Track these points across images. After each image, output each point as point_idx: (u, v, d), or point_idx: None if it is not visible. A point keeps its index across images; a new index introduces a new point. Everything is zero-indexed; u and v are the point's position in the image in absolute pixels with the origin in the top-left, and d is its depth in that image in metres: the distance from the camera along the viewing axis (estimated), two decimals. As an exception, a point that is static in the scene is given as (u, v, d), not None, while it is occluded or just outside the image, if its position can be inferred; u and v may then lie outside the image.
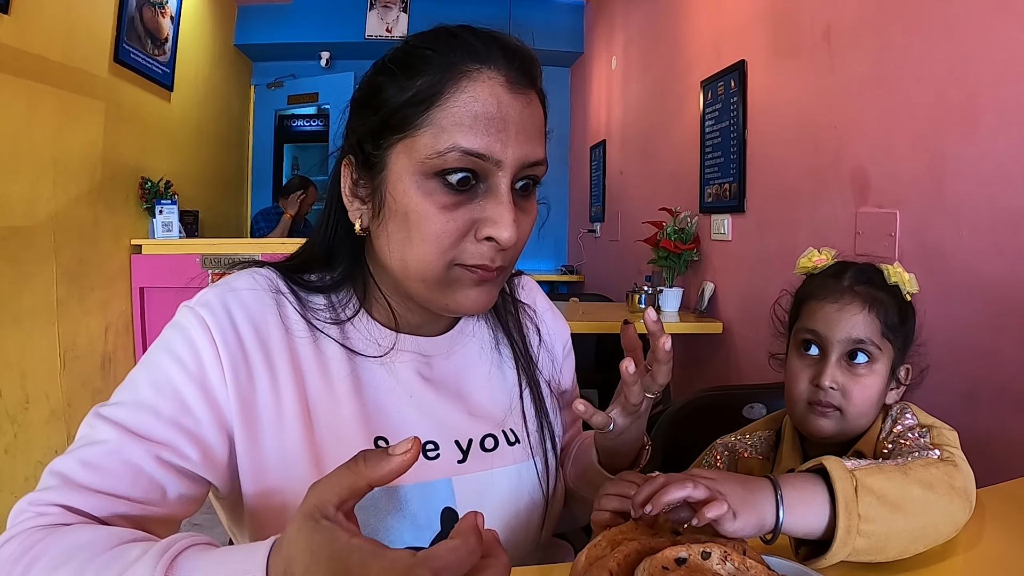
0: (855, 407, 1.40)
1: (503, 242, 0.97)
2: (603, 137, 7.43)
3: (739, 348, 4.08)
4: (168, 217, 5.05)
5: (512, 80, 0.97)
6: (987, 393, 2.14)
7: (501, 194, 0.97)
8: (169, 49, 5.50)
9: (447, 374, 1.17)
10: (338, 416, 1.05)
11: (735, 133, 4.07)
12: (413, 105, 0.96)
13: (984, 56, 2.25)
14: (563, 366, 1.37)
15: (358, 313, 1.12)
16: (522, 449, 1.19)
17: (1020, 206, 2.11)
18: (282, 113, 8.64)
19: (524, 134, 0.97)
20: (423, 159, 0.96)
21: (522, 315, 1.30)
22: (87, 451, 0.89)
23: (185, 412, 0.96)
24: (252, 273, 1.10)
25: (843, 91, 3.06)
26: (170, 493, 0.93)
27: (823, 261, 1.53)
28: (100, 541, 0.78)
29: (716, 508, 0.88)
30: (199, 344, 0.99)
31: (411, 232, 0.98)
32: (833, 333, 1.41)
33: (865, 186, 2.89)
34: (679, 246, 4.45)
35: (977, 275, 2.24)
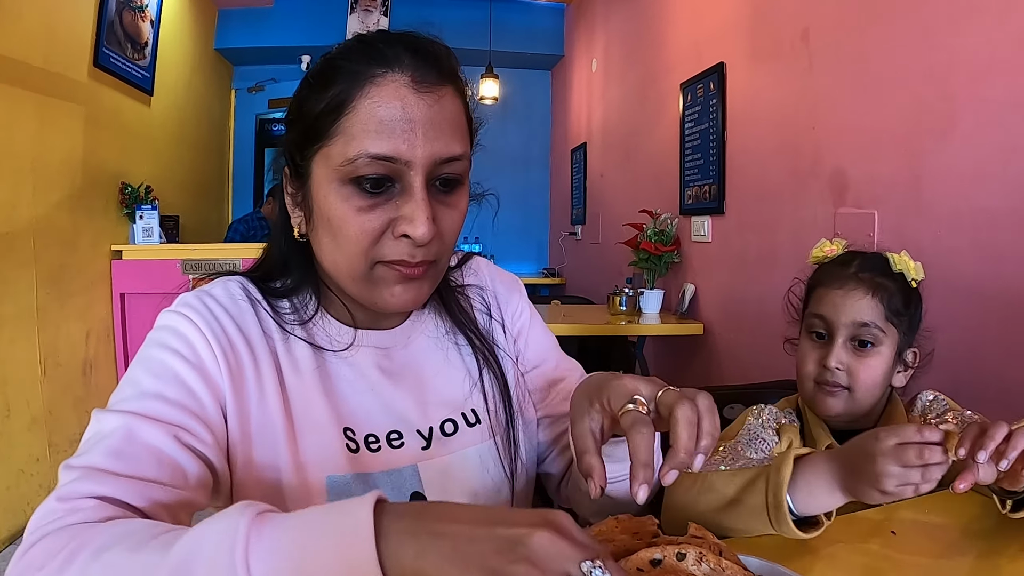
0: (861, 387, 1.50)
1: (417, 239, 0.99)
2: (584, 140, 7.46)
3: (720, 349, 4.10)
4: (148, 222, 5.03)
5: (418, 79, 0.99)
6: (968, 390, 2.16)
7: (415, 193, 0.99)
8: (149, 53, 5.47)
9: (406, 364, 1.20)
10: (310, 409, 1.09)
11: (714, 135, 4.10)
12: (326, 115, 0.99)
13: (961, 58, 2.28)
14: (528, 335, 1.37)
15: (317, 312, 1.16)
16: (482, 429, 1.23)
17: (996, 205, 2.14)
18: (263, 117, 8.58)
19: (434, 132, 0.99)
20: (337, 166, 0.99)
21: (473, 297, 1.33)
22: (104, 443, 0.88)
23: (191, 396, 0.98)
24: (225, 282, 1.14)
25: (822, 93, 3.09)
26: (190, 476, 0.94)
27: (834, 251, 1.63)
28: (153, 527, 0.75)
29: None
30: (190, 335, 1.02)
31: (335, 236, 1.02)
32: (839, 317, 1.51)
33: (844, 187, 2.92)
34: (659, 248, 4.48)
35: (955, 274, 2.26)
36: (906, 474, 1.00)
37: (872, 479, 1.02)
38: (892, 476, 1.01)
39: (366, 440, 1.12)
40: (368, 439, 1.12)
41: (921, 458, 1.00)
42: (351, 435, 1.11)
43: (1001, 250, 2.14)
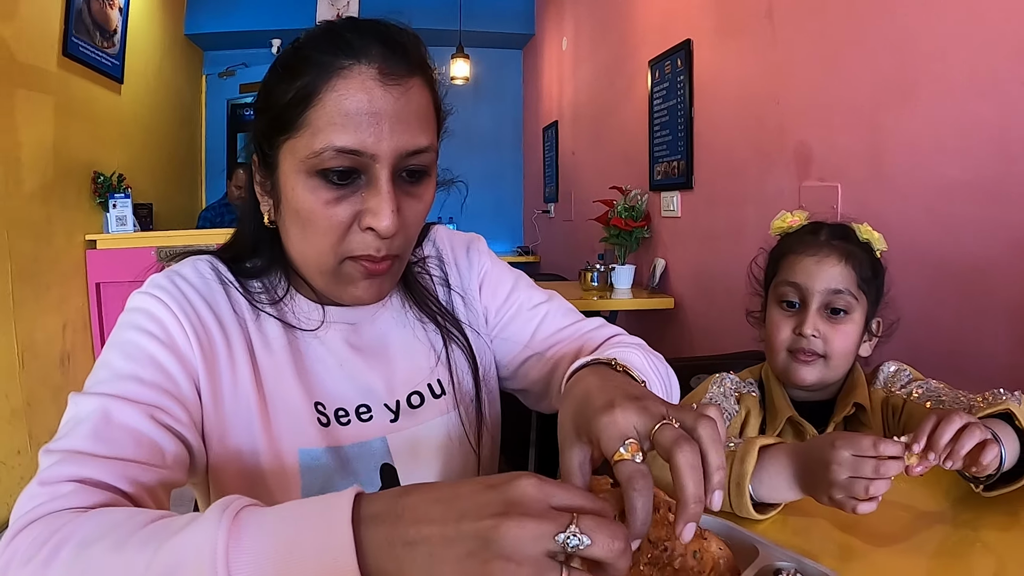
0: (836, 354, 1.52)
1: (382, 231, 1.00)
2: (555, 118, 7.48)
3: (690, 322, 4.16)
4: (122, 211, 5.00)
5: (386, 71, 0.99)
6: (927, 358, 2.22)
7: (380, 186, 1.00)
8: (118, 41, 5.41)
9: (373, 339, 1.22)
10: (282, 385, 1.12)
11: (682, 111, 4.14)
12: (293, 107, 1.00)
13: (920, 32, 2.33)
14: (497, 286, 1.38)
15: (288, 292, 1.18)
16: (448, 401, 1.26)
17: (954, 176, 2.20)
18: (235, 102, 8.47)
19: (401, 125, 1.00)
20: (304, 158, 0.99)
21: (432, 270, 1.34)
22: (82, 426, 0.90)
23: (166, 376, 1.00)
24: (194, 262, 1.16)
25: (786, 68, 3.14)
26: (168, 455, 0.96)
27: (797, 222, 1.65)
28: (136, 518, 0.74)
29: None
30: (161, 316, 1.04)
31: (304, 227, 1.04)
32: (813, 284, 1.53)
33: (808, 160, 2.97)
34: (630, 224, 4.52)
35: (915, 244, 2.32)
36: (851, 486, 1.02)
37: (825, 486, 1.04)
38: (839, 487, 1.03)
39: (336, 414, 1.15)
40: (338, 413, 1.15)
41: (877, 472, 1.01)
42: (322, 409, 1.14)
43: (957, 221, 2.20)
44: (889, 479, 1.01)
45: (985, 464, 1.05)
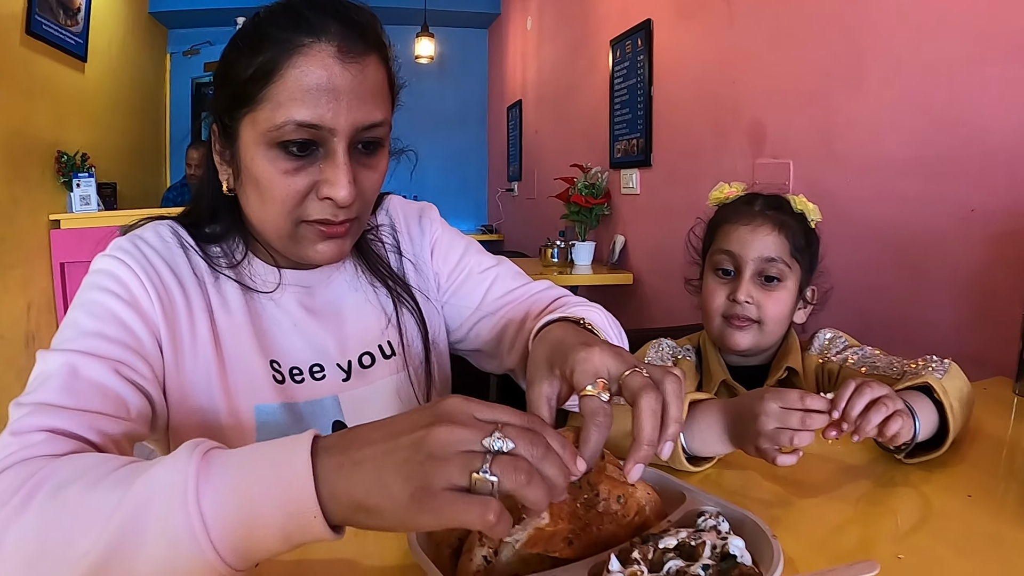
0: (769, 320, 1.58)
1: (340, 201, 1.06)
2: (519, 97, 7.52)
3: (648, 297, 4.25)
4: (86, 190, 4.97)
5: (344, 49, 1.03)
6: (877, 328, 2.33)
7: (337, 158, 1.05)
8: (82, 19, 5.37)
9: (327, 303, 1.28)
10: (239, 344, 1.18)
11: (641, 90, 4.21)
12: (255, 81, 1.03)
13: (870, 15, 2.41)
14: (448, 251, 1.44)
15: (246, 256, 1.23)
16: (398, 361, 1.32)
17: (902, 153, 2.29)
18: (199, 81, 8.44)
19: (358, 100, 1.05)
20: (264, 131, 1.04)
21: (385, 238, 1.40)
22: (51, 380, 0.93)
23: (129, 334, 1.05)
24: (156, 226, 1.21)
25: (742, 48, 3.22)
26: (132, 409, 0.99)
27: (734, 193, 1.69)
28: (108, 462, 0.78)
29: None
30: (124, 276, 1.09)
31: (262, 195, 1.08)
32: (747, 252, 1.58)
33: (762, 138, 3.06)
34: (590, 201, 4.59)
35: (864, 219, 2.41)
36: (777, 436, 1.07)
37: (752, 435, 1.09)
38: (766, 437, 1.07)
39: (291, 372, 1.21)
40: (292, 371, 1.22)
41: (802, 424, 1.06)
42: (277, 367, 1.20)
43: (903, 196, 2.28)
44: (812, 432, 1.07)
45: (889, 436, 1.10)
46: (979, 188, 2.01)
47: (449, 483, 0.64)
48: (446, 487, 0.64)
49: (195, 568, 0.67)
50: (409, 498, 0.64)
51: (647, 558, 0.81)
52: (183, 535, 0.66)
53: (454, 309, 1.42)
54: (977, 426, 1.37)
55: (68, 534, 0.70)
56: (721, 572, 0.79)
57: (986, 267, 1.99)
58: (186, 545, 0.66)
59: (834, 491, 1.13)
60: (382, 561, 0.90)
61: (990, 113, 1.98)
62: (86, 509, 0.71)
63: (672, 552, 0.81)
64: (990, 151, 1.97)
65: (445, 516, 0.64)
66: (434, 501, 0.64)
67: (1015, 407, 1.57)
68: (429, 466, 0.65)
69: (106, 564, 0.68)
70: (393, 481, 0.65)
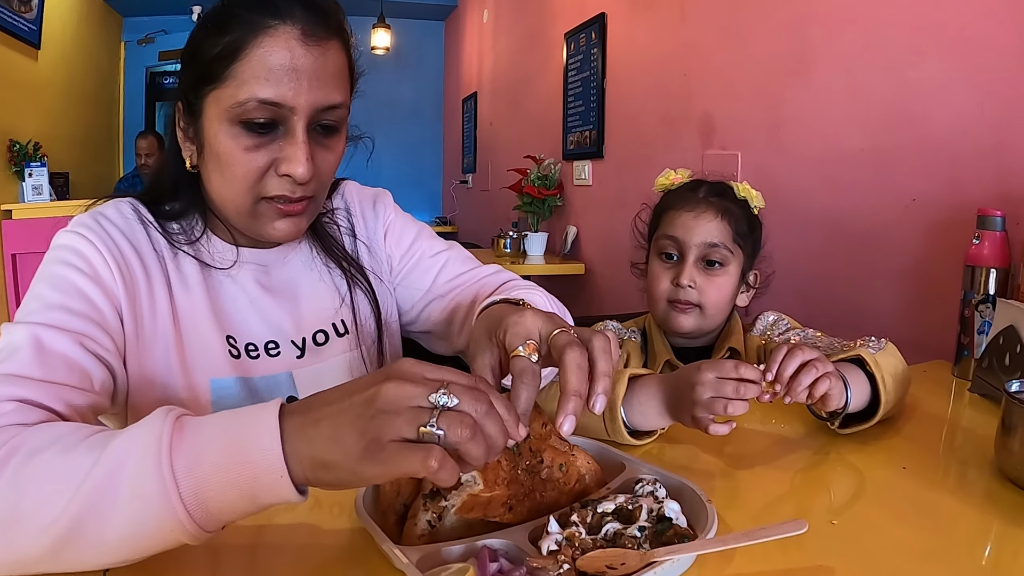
0: (711, 304, 1.61)
1: (298, 177, 1.08)
2: (475, 89, 7.52)
3: (600, 286, 4.28)
4: (38, 180, 4.91)
5: (308, 32, 1.06)
6: (820, 314, 2.37)
7: (297, 136, 1.08)
8: (36, 5, 5.28)
9: (282, 282, 1.30)
10: (196, 318, 1.20)
11: (595, 83, 4.23)
12: (220, 60, 1.06)
13: (817, 10, 2.46)
14: (401, 234, 1.46)
15: (204, 233, 1.25)
16: (351, 339, 1.35)
17: (846, 145, 2.33)
18: (153, 70, 8.35)
19: (318, 82, 1.08)
20: (228, 108, 1.06)
21: (340, 221, 1.42)
22: (19, 353, 0.95)
23: (92, 307, 1.07)
24: (116, 203, 1.23)
25: (693, 42, 3.25)
26: (96, 381, 1.02)
27: (679, 179, 1.72)
28: (81, 429, 0.79)
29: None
30: (85, 251, 1.10)
31: (223, 171, 1.11)
32: (690, 237, 1.60)
33: (711, 130, 3.09)
34: (543, 192, 4.61)
35: (809, 209, 2.45)
36: (712, 405, 1.09)
37: (688, 405, 1.11)
38: (702, 406, 1.10)
39: (246, 348, 1.23)
40: (248, 347, 1.23)
41: (737, 393, 1.09)
42: (233, 343, 1.22)
43: (848, 186, 2.33)
44: (747, 401, 1.09)
45: (818, 396, 1.13)
46: (920, 179, 2.05)
47: (398, 435, 0.67)
48: (394, 439, 0.67)
49: (165, 527, 0.69)
50: (362, 451, 0.67)
51: (585, 521, 0.82)
52: (155, 493, 0.68)
53: (406, 291, 1.44)
54: (915, 404, 1.40)
55: (43, 497, 0.71)
56: (657, 533, 0.80)
57: (926, 255, 2.03)
58: (157, 503, 0.68)
59: (771, 463, 1.15)
60: (333, 526, 0.91)
61: (931, 107, 2.02)
62: (61, 472, 0.72)
63: (610, 516, 0.83)
64: (931, 143, 2.02)
65: (392, 465, 0.67)
66: (383, 453, 0.66)
67: (953, 388, 1.61)
68: (379, 420, 0.67)
69: (81, 523, 0.69)
70: (348, 436, 0.68)
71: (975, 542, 0.92)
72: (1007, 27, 1.78)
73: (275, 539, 0.89)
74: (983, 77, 1.86)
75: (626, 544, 0.78)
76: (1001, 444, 1.07)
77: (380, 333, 1.39)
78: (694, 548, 0.77)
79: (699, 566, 0.79)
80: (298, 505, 0.72)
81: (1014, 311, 1.47)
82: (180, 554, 0.77)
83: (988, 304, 1.61)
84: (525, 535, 0.82)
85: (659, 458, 1.17)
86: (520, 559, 0.77)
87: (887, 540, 0.89)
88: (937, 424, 1.39)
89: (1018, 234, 1.66)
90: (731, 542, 0.77)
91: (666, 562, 0.73)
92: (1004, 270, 1.63)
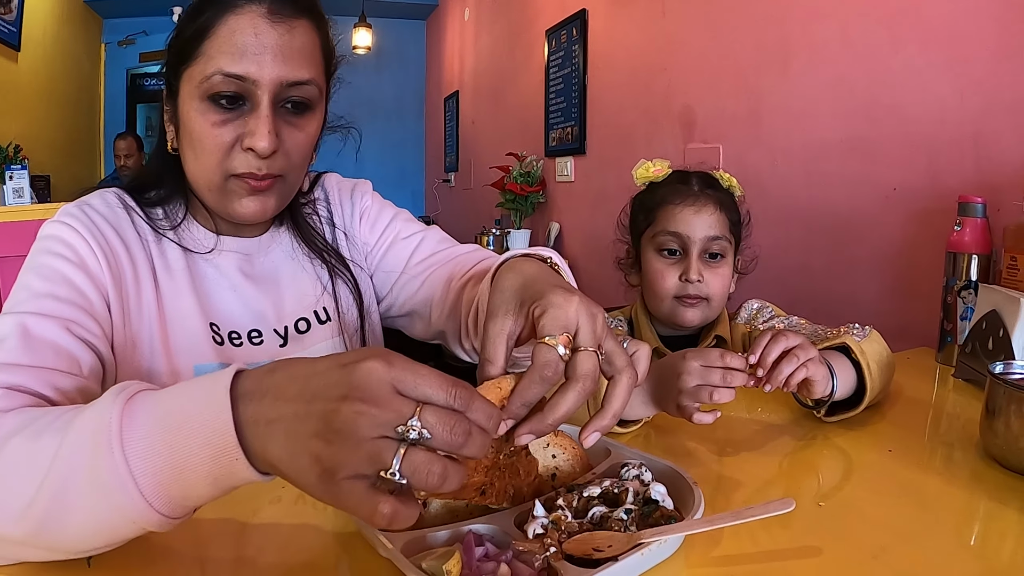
0: (716, 295, 1.62)
1: (260, 151, 1.10)
2: (456, 88, 7.51)
3: (583, 282, 4.19)
4: (19, 183, 4.84)
5: (274, 11, 1.10)
6: (804, 303, 2.37)
7: (260, 110, 1.10)
8: (15, 7, 5.25)
9: (265, 270, 1.32)
10: (180, 304, 1.21)
11: (576, 79, 4.24)
12: (193, 39, 1.11)
13: (797, 3, 2.47)
14: (377, 219, 1.46)
15: (185, 219, 1.26)
16: (333, 327, 1.36)
17: (825, 137, 2.34)
18: (134, 72, 8.30)
19: (283, 56, 1.10)
20: (197, 84, 1.10)
21: (320, 211, 1.43)
22: (6, 342, 0.95)
23: (79, 294, 1.08)
24: (102, 193, 1.23)
25: (674, 36, 3.26)
26: (84, 366, 1.02)
27: (661, 171, 1.71)
28: (55, 412, 0.79)
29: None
30: (72, 240, 1.11)
31: (195, 148, 1.14)
32: (694, 232, 1.60)
33: (692, 123, 3.10)
34: (525, 189, 4.61)
35: (790, 200, 2.46)
36: (698, 393, 1.09)
37: (673, 393, 1.11)
38: (687, 394, 1.10)
39: (230, 336, 1.24)
40: (231, 335, 1.24)
41: (723, 381, 1.09)
42: (216, 329, 1.23)
43: (829, 177, 2.34)
44: (732, 389, 1.09)
45: (793, 384, 1.13)
46: (900, 168, 2.06)
47: (354, 472, 0.61)
48: (349, 476, 0.61)
49: (129, 516, 0.67)
50: (315, 478, 0.62)
51: (571, 505, 0.82)
52: (112, 484, 0.65)
53: (383, 275, 1.44)
54: (899, 391, 1.41)
55: (15, 484, 0.71)
56: (643, 516, 0.80)
57: (908, 244, 2.04)
58: (117, 494, 0.66)
59: (758, 449, 1.15)
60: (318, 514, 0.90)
61: (909, 97, 2.03)
62: (30, 459, 0.71)
63: (596, 499, 0.83)
64: (910, 133, 2.03)
65: (342, 505, 0.62)
66: (335, 487, 0.61)
67: (937, 374, 1.63)
68: (336, 448, 0.61)
69: (49, 512, 0.68)
70: (301, 456, 0.62)
71: (962, 520, 0.93)
72: (985, 16, 1.79)
73: (261, 529, 0.89)
74: (962, 66, 1.87)
75: (613, 527, 0.77)
76: (986, 425, 1.07)
77: (362, 322, 1.39)
78: (681, 529, 0.76)
79: (686, 548, 0.79)
80: (282, 495, 0.69)
81: (996, 296, 1.48)
82: (166, 547, 0.77)
83: (970, 290, 1.62)
84: (511, 520, 0.81)
85: (645, 445, 1.17)
86: (506, 543, 0.76)
87: (875, 520, 0.89)
88: (922, 409, 1.40)
89: (999, 220, 1.67)
90: (718, 522, 0.76)
91: (653, 543, 0.73)
92: (986, 256, 1.64)
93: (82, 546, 0.73)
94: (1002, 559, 0.82)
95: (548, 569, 0.72)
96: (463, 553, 0.71)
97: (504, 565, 0.70)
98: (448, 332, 1.31)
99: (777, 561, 0.79)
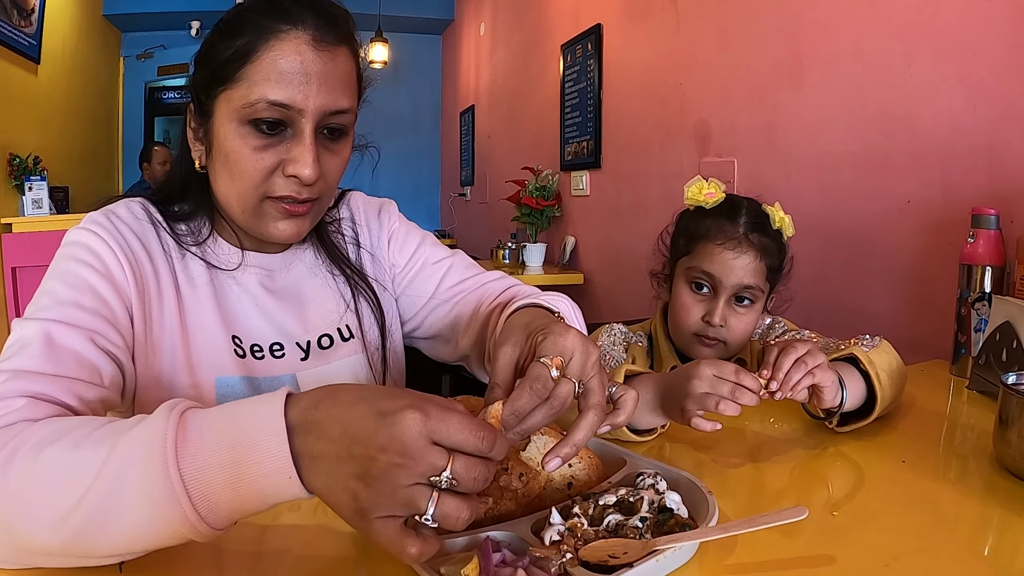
0: (736, 339, 1.60)
1: (304, 179, 1.11)
2: (472, 102, 7.55)
3: (599, 296, 4.28)
4: (38, 194, 4.90)
5: (318, 38, 1.10)
6: (818, 317, 2.37)
7: (304, 138, 1.10)
8: (36, 20, 5.29)
9: (287, 286, 1.32)
10: (202, 318, 1.21)
11: (591, 93, 4.25)
12: (233, 61, 1.09)
13: (809, 16, 2.48)
14: (405, 241, 1.47)
15: (211, 235, 1.27)
16: (355, 344, 1.36)
17: (839, 149, 2.35)
18: (152, 85, 8.35)
19: (327, 86, 1.10)
20: (238, 108, 1.09)
21: (345, 230, 1.44)
22: (29, 348, 0.96)
23: (104, 304, 1.08)
24: (128, 203, 1.24)
25: (688, 51, 3.27)
26: (106, 376, 1.03)
27: (713, 196, 1.65)
28: (89, 423, 0.79)
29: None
30: (98, 248, 1.12)
31: (231, 170, 1.13)
32: (727, 278, 1.57)
33: (707, 137, 3.11)
34: (541, 203, 4.62)
35: (805, 213, 2.45)
36: (705, 399, 1.10)
37: (681, 397, 1.12)
38: (694, 399, 1.11)
39: (251, 349, 1.24)
40: (253, 348, 1.25)
41: (732, 395, 1.09)
42: (238, 342, 1.23)
43: (843, 190, 2.34)
44: (739, 405, 1.09)
45: (798, 391, 1.13)
46: (914, 181, 2.07)
47: (388, 513, 0.68)
48: (383, 516, 0.68)
49: (177, 528, 0.70)
50: (352, 513, 0.68)
51: (587, 513, 0.83)
52: (164, 496, 0.68)
53: (409, 299, 1.45)
54: (913, 402, 1.41)
55: (54, 493, 0.72)
56: (658, 524, 0.81)
57: (922, 256, 2.04)
58: (167, 506, 0.68)
59: (770, 459, 1.17)
60: (339, 521, 0.91)
61: (922, 110, 2.04)
62: (70, 468, 0.73)
63: (612, 508, 0.84)
64: (923, 145, 2.03)
65: (375, 541, 0.68)
66: (369, 525, 0.68)
67: (952, 386, 1.62)
68: (373, 491, 0.67)
69: (91, 521, 0.70)
70: (341, 492, 0.68)
71: (976, 531, 0.93)
72: (997, 29, 1.80)
73: (281, 534, 0.90)
74: (975, 79, 1.87)
75: (628, 535, 0.79)
76: (999, 435, 1.08)
77: (384, 341, 1.40)
78: (696, 536, 0.78)
79: (700, 555, 0.80)
80: (301, 501, 0.72)
81: (1010, 307, 1.48)
82: (188, 552, 0.78)
83: (984, 302, 1.62)
84: (528, 526, 0.83)
85: (660, 456, 1.18)
86: (523, 550, 0.78)
87: (887, 529, 0.89)
88: (936, 420, 1.40)
89: (1012, 232, 1.67)
90: (732, 529, 0.78)
91: (668, 550, 0.74)
92: (999, 268, 1.64)
93: (119, 552, 0.75)
94: (1016, 569, 0.83)
95: (564, 575, 0.73)
96: (481, 559, 0.73)
97: (521, 571, 0.72)
98: (472, 356, 1.36)
99: (790, 569, 0.80)
